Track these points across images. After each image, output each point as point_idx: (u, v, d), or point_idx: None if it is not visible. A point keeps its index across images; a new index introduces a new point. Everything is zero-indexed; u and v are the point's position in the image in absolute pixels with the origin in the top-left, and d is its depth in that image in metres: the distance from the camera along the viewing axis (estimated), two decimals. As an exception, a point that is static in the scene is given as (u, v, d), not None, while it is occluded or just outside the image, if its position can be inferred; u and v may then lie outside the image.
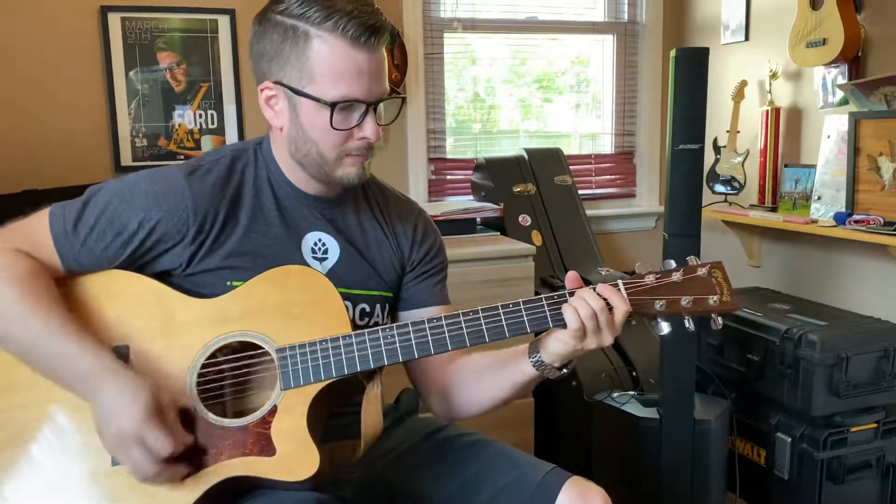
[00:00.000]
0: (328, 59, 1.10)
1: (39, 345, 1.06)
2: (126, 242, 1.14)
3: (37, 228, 1.14)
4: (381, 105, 1.17)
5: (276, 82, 1.15)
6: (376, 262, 1.27)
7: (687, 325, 1.12)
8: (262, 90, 1.17)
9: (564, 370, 1.16)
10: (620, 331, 1.11)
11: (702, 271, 1.12)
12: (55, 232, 1.13)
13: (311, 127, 1.14)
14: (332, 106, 1.11)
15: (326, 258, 1.23)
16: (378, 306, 1.27)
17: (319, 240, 1.23)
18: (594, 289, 1.10)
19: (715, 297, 1.11)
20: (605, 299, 1.09)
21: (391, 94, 1.18)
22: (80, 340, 1.06)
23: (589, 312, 1.08)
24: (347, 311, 1.20)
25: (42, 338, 1.06)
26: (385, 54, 1.15)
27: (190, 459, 1.07)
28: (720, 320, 1.13)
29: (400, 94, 1.22)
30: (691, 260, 1.14)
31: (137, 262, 1.16)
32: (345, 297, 1.18)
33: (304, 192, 1.23)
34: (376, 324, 1.27)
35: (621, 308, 1.09)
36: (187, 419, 1.09)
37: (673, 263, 1.13)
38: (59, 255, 1.13)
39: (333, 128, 1.12)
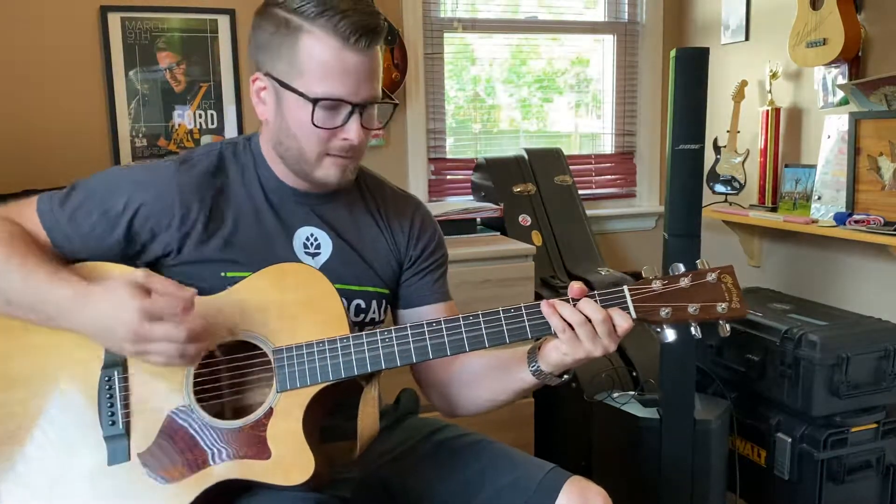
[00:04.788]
0: (317, 56, 1.09)
1: (18, 290, 1.07)
2: (113, 223, 1.13)
3: (22, 209, 1.15)
4: (375, 108, 1.16)
5: (266, 74, 1.15)
6: (371, 257, 1.26)
7: (693, 332, 1.08)
8: (253, 81, 1.17)
9: (565, 376, 1.15)
10: (618, 341, 1.08)
11: (711, 277, 1.06)
12: (41, 210, 1.14)
13: (294, 122, 1.13)
14: (315, 102, 1.10)
15: (319, 253, 1.22)
16: (374, 302, 1.26)
17: (311, 234, 1.22)
18: (596, 300, 1.07)
19: (724, 305, 1.06)
20: (606, 311, 1.05)
21: (384, 98, 1.16)
22: (51, 273, 1.06)
23: (579, 319, 1.05)
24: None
25: (17, 282, 1.06)
26: (379, 57, 1.13)
27: (189, 452, 1.07)
28: (728, 327, 1.08)
29: (392, 100, 1.21)
30: (700, 264, 1.09)
31: (129, 251, 1.16)
32: (339, 292, 1.17)
33: (292, 187, 1.22)
34: (372, 320, 1.26)
35: (622, 325, 1.06)
36: (183, 420, 1.09)
37: (681, 268, 1.08)
38: (46, 229, 1.13)
39: (315, 125, 1.11)
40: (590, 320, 1.05)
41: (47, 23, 2.41)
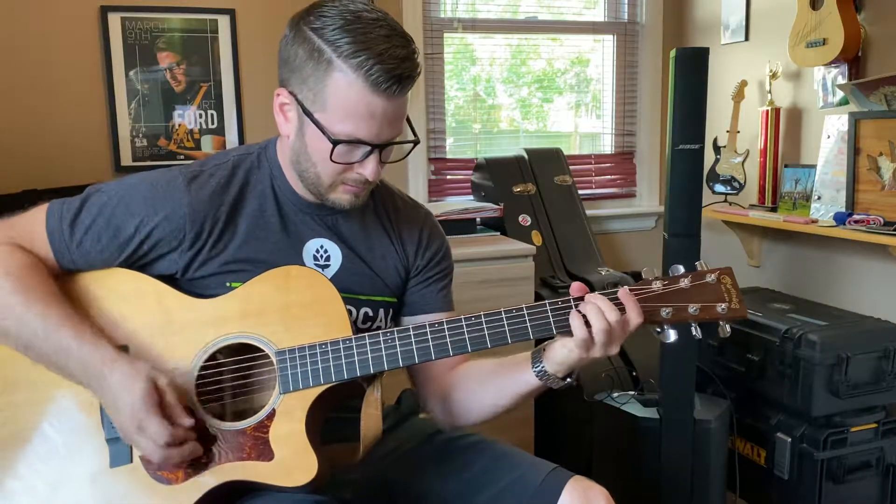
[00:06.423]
0: (343, 95, 1.07)
1: (39, 339, 1.07)
2: (122, 246, 1.14)
3: (34, 223, 1.15)
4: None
5: (291, 93, 1.12)
6: (380, 268, 1.27)
7: (694, 332, 1.09)
8: (277, 94, 1.15)
9: (569, 380, 1.15)
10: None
11: (710, 278, 1.08)
12: (51, 228, 1.14)
13: (314, 150, 1.13)
14: (334, 143, 1.09)
15: (329, 265, 1.23)
16: (381, 311, 1.27)
17: (321, 246, 1.23)
18: (609, 297, 1.07)
19: (723, 305, 1.07)
20: (620, 310, 1.06)
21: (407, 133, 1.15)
22: (79, 333, 1.07)
23: (603, 325, 1.05)
24: (350, 315, 1.19)
25: (40, 332, 1.06)
26: (406, 100, 1.12)
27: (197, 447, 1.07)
28: (728, 328, 1.09)
29: (414, 139, 1.19)
30: (700, 265, 1.10)
31: (134, 266, 1.16)
32: (348, 301, 1.17)
33: (305, 199, 1.22)
34: (379, 328, 1.26)
35: (635, 320, 1.07)
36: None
37: (681, 269, 1.10)
38: (53, 251, 1.13)
39: (332, 160, 1.10)
40: (610, 326, 1.06)
41: (47, 23, 2.40)
